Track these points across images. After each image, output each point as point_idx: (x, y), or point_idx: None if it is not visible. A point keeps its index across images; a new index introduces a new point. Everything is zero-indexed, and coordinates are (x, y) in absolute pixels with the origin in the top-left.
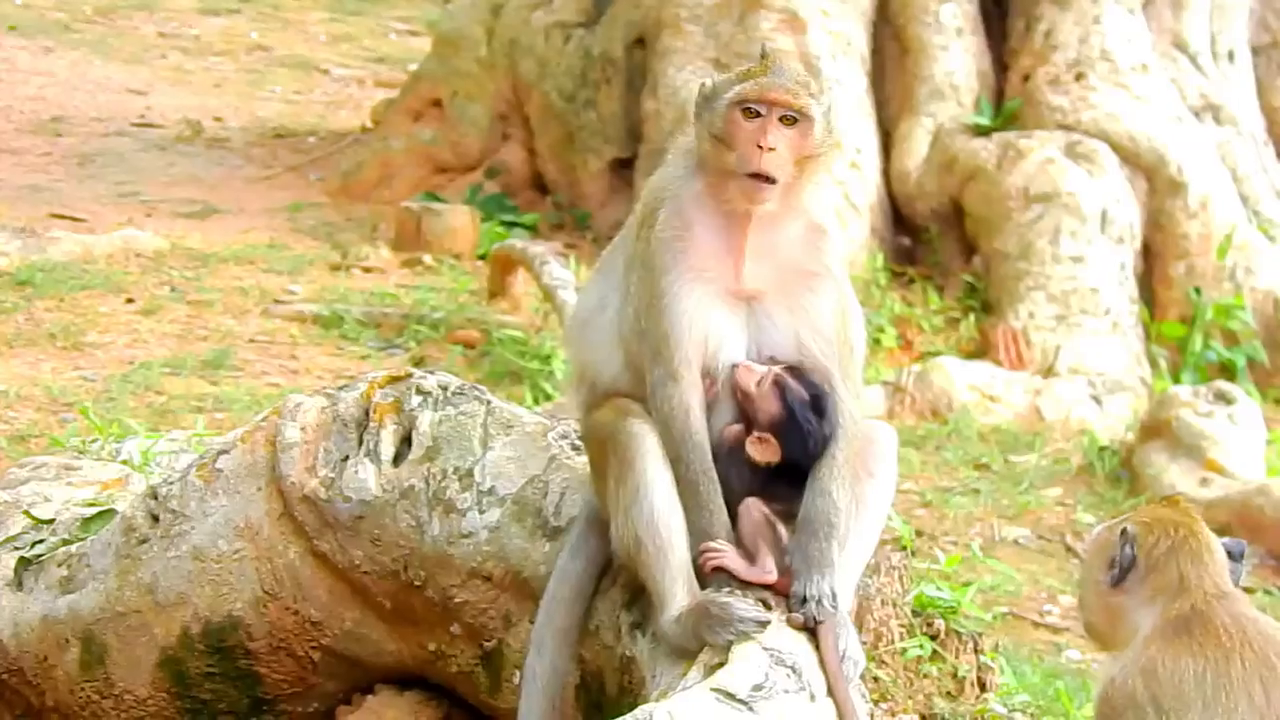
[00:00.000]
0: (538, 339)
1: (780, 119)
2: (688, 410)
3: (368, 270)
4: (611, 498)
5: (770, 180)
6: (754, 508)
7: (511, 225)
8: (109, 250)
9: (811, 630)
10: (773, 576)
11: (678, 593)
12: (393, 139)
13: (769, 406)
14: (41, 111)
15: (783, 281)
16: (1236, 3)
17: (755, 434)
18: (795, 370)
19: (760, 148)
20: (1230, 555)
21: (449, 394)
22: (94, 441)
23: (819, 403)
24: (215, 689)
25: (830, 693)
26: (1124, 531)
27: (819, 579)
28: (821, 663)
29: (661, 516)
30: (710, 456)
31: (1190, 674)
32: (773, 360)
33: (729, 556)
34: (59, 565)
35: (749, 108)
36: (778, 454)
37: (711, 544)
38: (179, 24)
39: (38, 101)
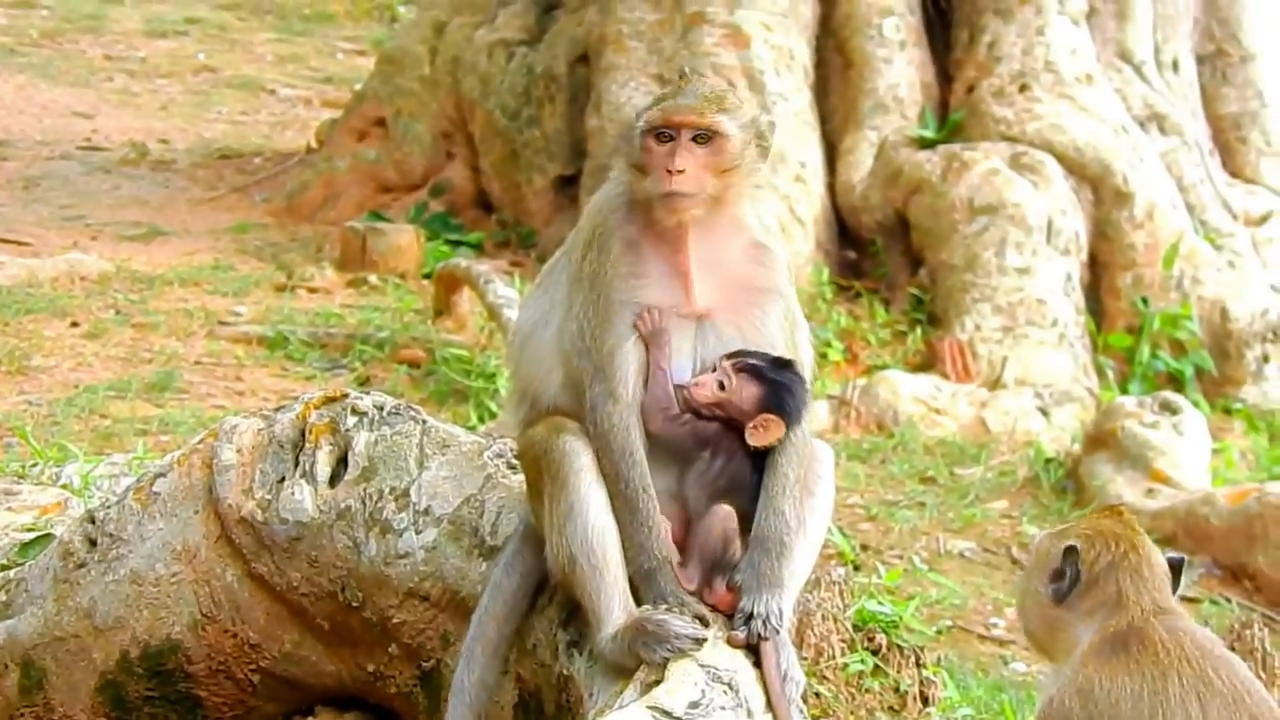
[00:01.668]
0: (482, 358)
1: (693, 139)
2: (628, 428)
3: (313, 290)
4: (546, 515)
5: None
6: (722, 520)
7: (456, 244)
8: (54, 274)
9: (752, 648)
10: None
11: (614, 610)
12: (337, 159)
13: (751, 391)
14: None
15: (731, 299)
16: (1180, 12)
17: (751, 425)
18: (738, 352)
19: (669, 171)
20: (1170, 569)
21: (385, 414)
22: (34, 466)
23: (778, 360)
24: (155, 712)
25: (769, 709)
26: (1070, 549)
27: (768, 597)
28: (762, 681)
29: (596, 534)
30: (648, 473)
31: (1127, 692)
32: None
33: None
34: None
35: (661, 132)
36: (782, 426)
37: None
38: (125, 46)
39: None
